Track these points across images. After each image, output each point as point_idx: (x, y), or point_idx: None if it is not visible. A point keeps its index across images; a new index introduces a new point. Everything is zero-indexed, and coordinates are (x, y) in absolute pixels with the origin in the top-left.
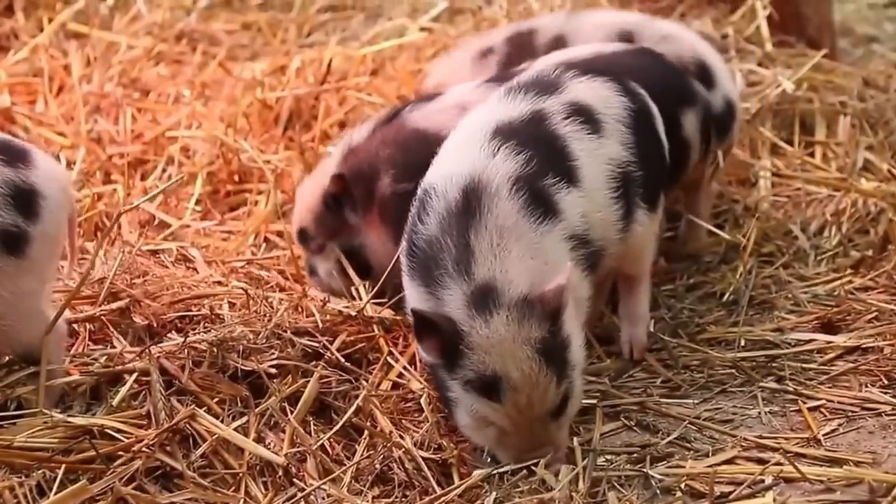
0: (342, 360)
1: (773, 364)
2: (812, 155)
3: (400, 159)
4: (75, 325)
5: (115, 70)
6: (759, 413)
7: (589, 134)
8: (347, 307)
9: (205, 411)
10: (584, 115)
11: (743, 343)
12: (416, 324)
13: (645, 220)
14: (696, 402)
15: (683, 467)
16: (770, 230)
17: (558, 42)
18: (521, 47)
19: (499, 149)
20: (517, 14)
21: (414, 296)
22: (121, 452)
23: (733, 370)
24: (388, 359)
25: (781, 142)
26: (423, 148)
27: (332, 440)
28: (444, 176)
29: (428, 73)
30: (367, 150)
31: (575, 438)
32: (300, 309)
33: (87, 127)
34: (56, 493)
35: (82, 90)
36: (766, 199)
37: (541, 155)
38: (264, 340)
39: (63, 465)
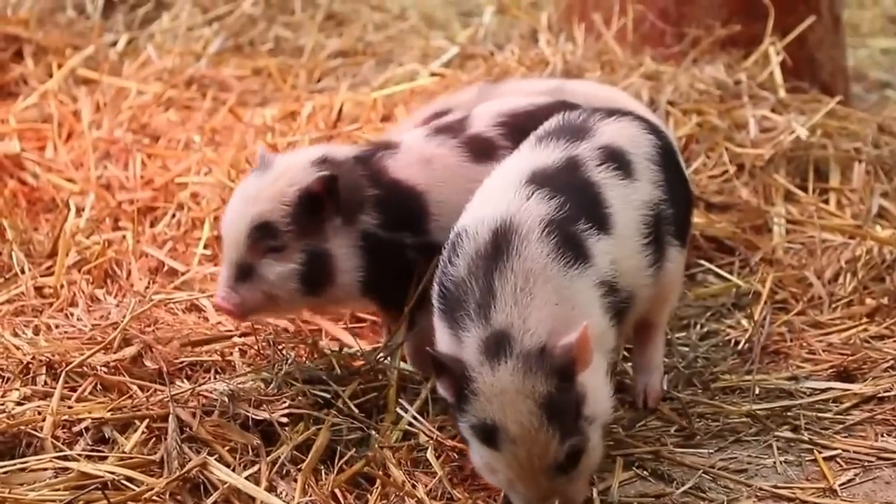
0: (354, 409)
1: (789, 413)
2: (826, 202)
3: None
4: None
5: (124, 116)
6: (775, 462)
7: (622, 179)
8: (359, 355)
9: (216, 459)
10: (617, 160)
11: (757, 392)
12: (433, 363)
13: (676, 256)
14: (710, 451)
15: None
16: (784, 277)
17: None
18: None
19: (533, 193)
20: (529, 60)
21: (441, 337)
22: (131, 502)
23: (748, 419)
24: (398, 410)
25: (795, 188)
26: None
27: (343, 489)
28: (476, 219)
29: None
30: (351, 173)
31: (594, 489)
32: (313, 354)
33: (97, 173)
34: None
35: (92, 136)
36: (780, 245)
37: (574, 200)
38: (276, 389)
39: None
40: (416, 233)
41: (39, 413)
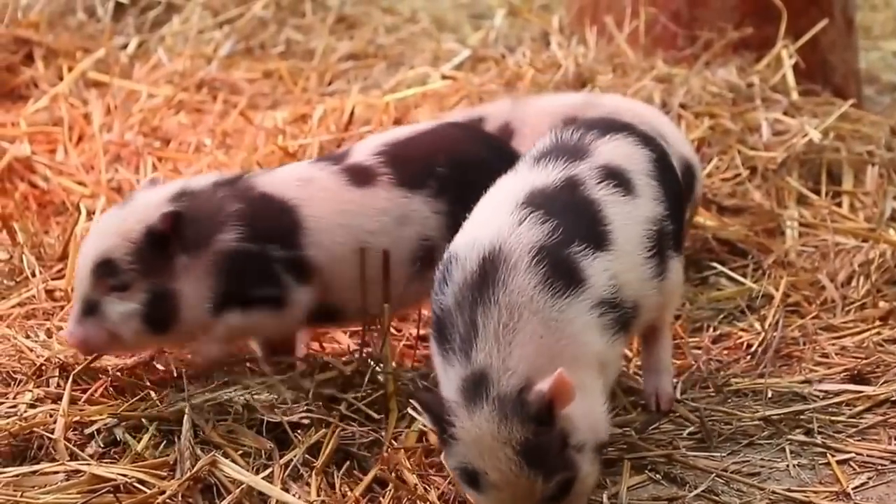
0: (366, 409)
1: (802, 416)
2: (839, 205)
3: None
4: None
5: (135, 119)
6: (788, 466)
7: (623, 196)
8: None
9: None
10: (617, 178)
11: (770, 395)
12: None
13: (677, 265)
14: (723, 454)
15: None
16: (797, 280)
17: (504, 131)
18: None
19: (526, 217)
20: (541, 63)
21: (436, 364)
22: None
23: (761, 422)
24: (411, 411)
25: (808, 191)
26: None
27: (353, 489)
28: (467, 243)
29: None
30: (209, 200)
31: (604, 493)
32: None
33: (108, 176)
34: None
35: (102, 139)
36: (793, 249)
37: (568, 222)
38: (290, 395)
39: None
40: (286, 246)
41: (51, 416)
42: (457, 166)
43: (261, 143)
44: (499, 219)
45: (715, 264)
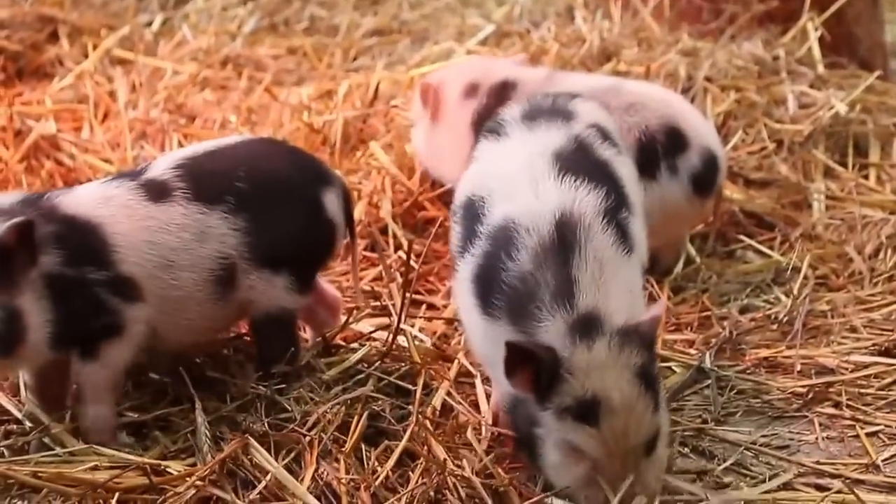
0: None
1: (830, 389)
2: (866, 177)
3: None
4: None
5: (160, 96)
6: (817, 438)
7: (619, 156)
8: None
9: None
10: (609, 138)
11: (799, 368)
12: (510, 355)
13: None
14: (752, 427)
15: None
16: (824, 253)
17: None
18: (500, 101)
19: (577, 183)
20: (566, 37)
21: (495, 336)
22: (174, 483)
23: (789, 395)
24: (436, 384)
25: (835, 164)
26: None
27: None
28: (525, 213)
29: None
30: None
31: None
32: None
33: (133, 153)
34: None
35: (128, 116)
36: (820, 221)
37: (611, 189)
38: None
39: (116, 494)
40: (100, 266)
41: None
42: (256, 181)
43: (286, 119)
44: (546, 185)
45: (742, 237)
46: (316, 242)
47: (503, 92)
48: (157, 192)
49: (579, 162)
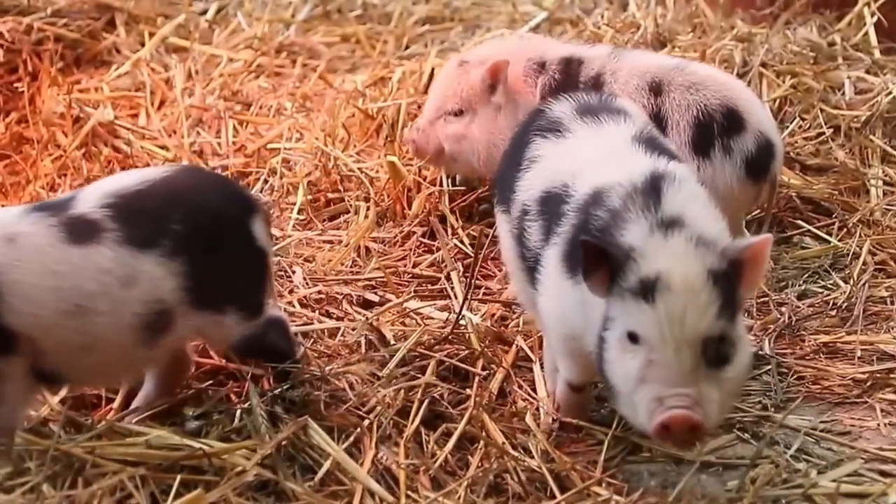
0: (455, 362)
1: (892, 375)
2: None
3: None
4: None
5: (216, 83)
6: (878, 425)
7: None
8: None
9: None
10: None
11: (859, 354)
12: (586, 255)
13: None
14: (812, 414)
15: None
16: (883, 239)
17: (596, 81)
18: (568, 76)
19: (659, 155)
20: (620, 23)
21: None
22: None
23: (849, 381)
24: (495, 368)
25: (892, 150)
26: None
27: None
28: (615, 180)
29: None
30: None
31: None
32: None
33: (190, 140)
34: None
35: (184, 103)
36: (878, 207)
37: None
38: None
39: (178, 475)
40: None
41: None
42: (192, 221)
43: (341, 106)
44: (639, 158)
45: (800, 223)
46: (252, 274)
47: (570, 68)
48: (80, 232)
49: (657, 146)
